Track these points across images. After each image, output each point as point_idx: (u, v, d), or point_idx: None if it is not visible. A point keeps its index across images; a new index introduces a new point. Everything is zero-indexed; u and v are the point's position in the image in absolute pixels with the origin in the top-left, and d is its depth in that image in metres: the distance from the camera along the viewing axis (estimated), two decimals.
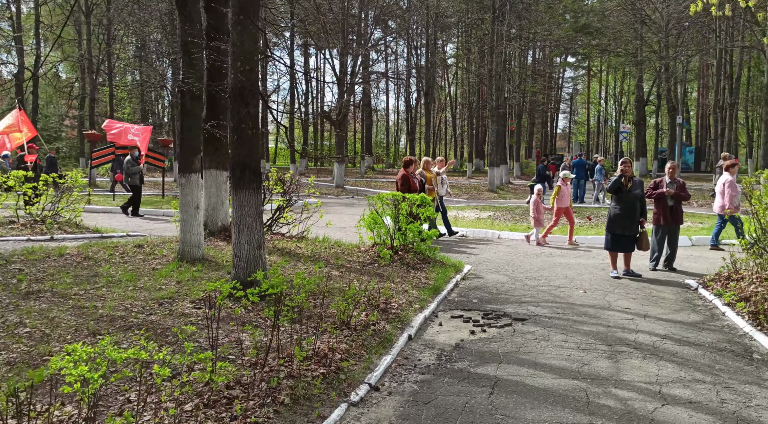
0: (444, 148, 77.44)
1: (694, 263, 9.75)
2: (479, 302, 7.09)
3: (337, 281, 7.32)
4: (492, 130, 27.75)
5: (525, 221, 15.11)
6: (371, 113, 54.62)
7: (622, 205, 8.50)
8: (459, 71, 55.86)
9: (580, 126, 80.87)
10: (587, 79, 69.87)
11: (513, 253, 10.71)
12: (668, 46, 31.93)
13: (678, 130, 34.94)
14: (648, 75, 44.27)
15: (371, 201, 9.35)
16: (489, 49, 26.22)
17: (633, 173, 8.56)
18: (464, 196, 25.70)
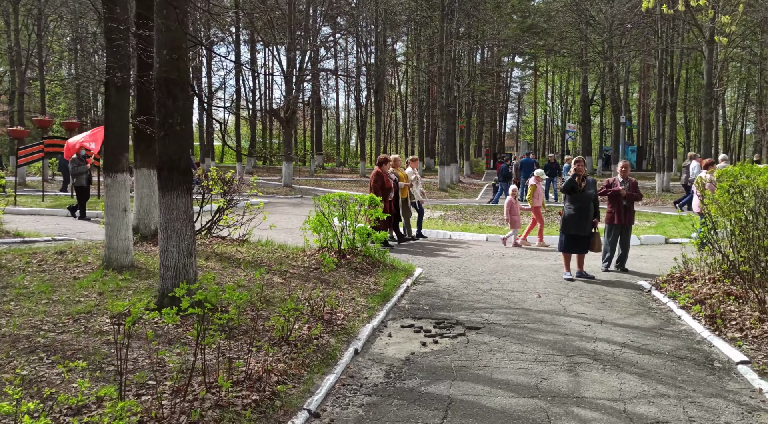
0: (395, 146, 77.35)
1: (644, 263, 9.67)
2: (431, 309, 6.70)
3: (279, 289, 6.80)
4: (442, 129, 27.60)
5: (476, 220, 14.89)
6: (321, 111, 53.90)
7: (576, 205, 8.30)
8: (409, 70, 55.78)
9: (528, 125, 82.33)
10: (534, 79, 71.14)
11: (465, 255, 10.40)
12: (612, 47, 32.54)
13: (621, 129, 35.76)
14: (592, 75, 45.24)
15: (317, 202, 8.84)
16: (438, 47, 26.03)
17: (587, 173, 8.35)
18: None
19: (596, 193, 8.27)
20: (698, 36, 23.69)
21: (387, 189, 11.04)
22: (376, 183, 10.93)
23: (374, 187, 10.86)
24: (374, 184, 10.94)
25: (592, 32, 35.52)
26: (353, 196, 9.06)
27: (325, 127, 72.24)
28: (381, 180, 10.97)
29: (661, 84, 27.29)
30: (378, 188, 10.81)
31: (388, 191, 11.10)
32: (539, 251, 10.94)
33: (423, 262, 9.63)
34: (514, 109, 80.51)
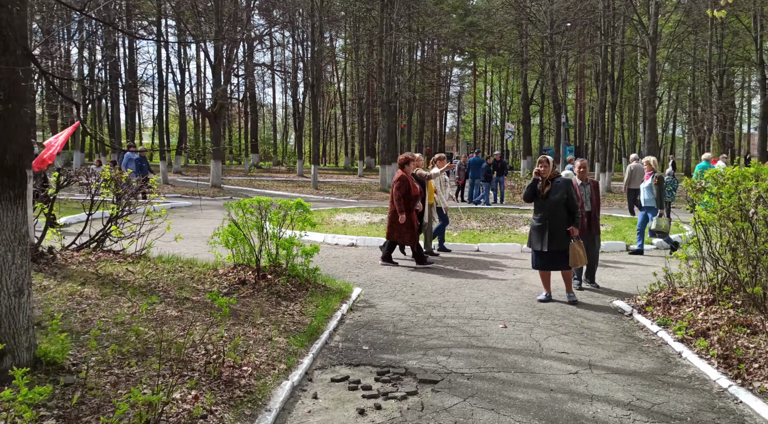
0: (334, 145, 75.59)
1: (614, 276, 8.50)
2: (372, 350, 5.19)
3: (172, 326, 5.13)
4: (383, 126, 26.21)
5: None
6: (256, 108, 51.59)
7: (538, 214, 6.97)
8: (348, 66, 54.26)
9: (467, 125, 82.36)
10: (473, 78, 71.03)
11: (410, 268, 8.96)
12: (553, 44, 32.09)
13: (562, 129, 35.49)
14: (532, 75, 45.04)
15: (229, 209, 7.17)
16: (378, 40, 24.62)
17: (557, 173, 7.03)
18: (355, 197, 23.93)
19: (569, 196, 6.89)
20: (642, 33, 23.28)
21: (414, 197, 8.96)
22: (399, 190, 8.85)
23: (398, 196, 8.83)
24: (398, 191, 8.85)
25: (533, 30, 35.04)
26: (276, 200, 7.44)
27: (262, 124, 69.74)
28: (407, 186, 8.91)
29: (603, 83, 26.90)
30: (402, 197, 8.81)
31: (416, 200, 9.05)
32: (495, 263, 9.62)
33: (363, 278, 8.11)
34: (454, 108, 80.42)
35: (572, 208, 6.85)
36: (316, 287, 7.09)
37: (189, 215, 15.93)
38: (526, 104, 39.30)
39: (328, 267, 8.77)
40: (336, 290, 7.07)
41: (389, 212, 9.17)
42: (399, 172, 9.12)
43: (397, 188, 8.89)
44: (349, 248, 10.91)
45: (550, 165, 6.90)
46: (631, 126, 54.17)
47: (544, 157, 6.99)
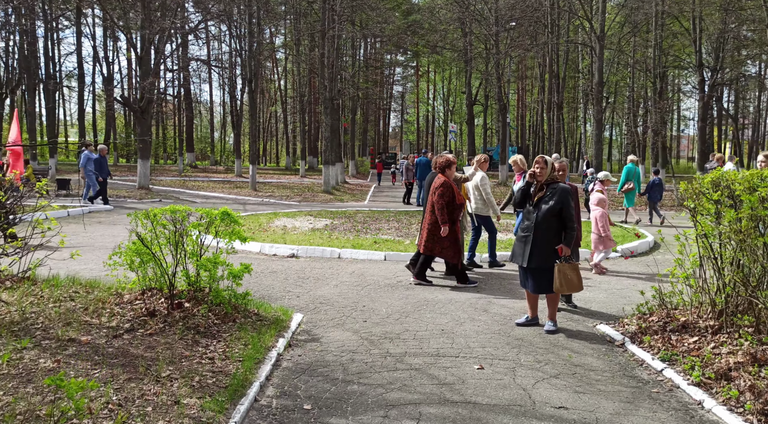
0: (276, 145, 73.46)
1: (588, 293, 7.54)
2: (315, 409, 3.96)
3: (39, 387, 3.74)
4: (326, 124, 24.87)
5: (368, 231, 12.33)
6: (192, 104, 49.06)
7: (524, 223, 5.93)
8: (289, 63, 52.49)
9: (411, 125, 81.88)
10: (416, 78, 70.52)
11: (360, 284, 7.75)
12: (498, 43, 31.60)
13: (506, 129, 35.12)
14: (476, 74, 44.68)
15: (135, 220, 5.75)
16: (321, 33, 23.28)
17: (555, 178, 5.91)
18: (296, 199, 22.53)
19: (565, 205, 5.73)
20: (589, 31, 22.92)
21: (459, 206, 7.77)
22: (443, 197, 7.56)
23: (442, 204, 7.55)
24: (441, 199, 7.56)
25: (477, 27, 34.49)
26: (197, 210, 6.08)
27: (200, 122, 66.86)
28: (451, 193, 7.65)
29: (550, 82, 26.54)
30: (446, 205, 7.57)
31: (461, 209, 7.89)
32: (454, 276, 8.54)
33: (304, 300, 6.84)
34: (398, 108, 79.74)
35: (566, 221, 5.74)
36: (246, 315, 5.77)
37: (108, 220, 14.18)
38: (470, 104, 38.72)
39: (263, 286, 7.44)
40: (271, 319, 5.78)
41: (427, 222, 7.83)
42: (440, 177, 7.82)
43: (440, 196, 7.58)
44: (289, 260, 9.60)
45: (548, 167, 5.84)
46: (571, 127, 54.83)
47: (542, 157, 5.91)
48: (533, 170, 5.86)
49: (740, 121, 47.61)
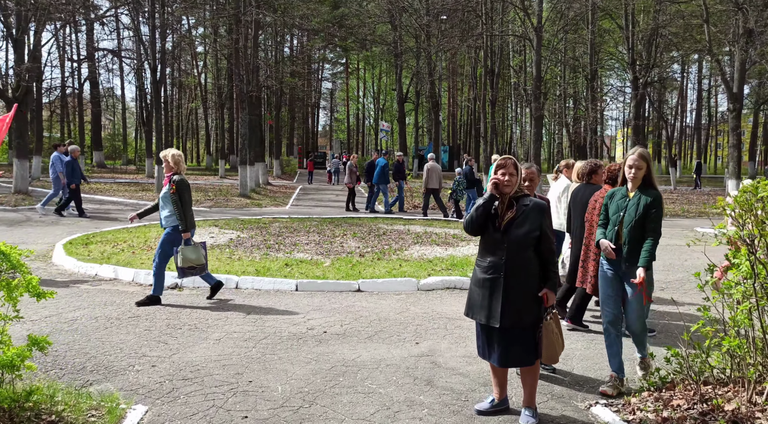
0: (196, 143, 69.37)
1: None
2: None
3: None
4: (243, 120, 22.29)
5: (283, 246, 10.09)
6: (99, 99, 44.84)
7: (487, 259, 3.85)
8: (209, 58, 49.13)
9: (341, 123, 79.67)
10: (346, 75, 68.42)
11: (254, 336, 5.53)
12: (430, 36, 29.99)
13: (439, 127, 33.66)
14: (407, 72, 43.11)
15: None
16: (235, 18, 20.72)
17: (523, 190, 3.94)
18: (207, 204, 19.89)
19: (543, 232, 3.76)
20: (526, 23, 21.53)
21: None
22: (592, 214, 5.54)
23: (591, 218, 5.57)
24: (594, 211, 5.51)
25: (407, 19, 32.83)
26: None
27: (113, 118, 62.00)
28: None
29: (485, 78, 25.11)
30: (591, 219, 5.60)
31: None
32: (385, 318, 6.48)
33: (163, 370, 4.56)
34: (327, 106, 77.31)
35: (545, 253, 3.79)
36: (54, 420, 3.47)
37: None
38: (400, 101, 37.07)
39: (108, 346, 5.09)
40: None
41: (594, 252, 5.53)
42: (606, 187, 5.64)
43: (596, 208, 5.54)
44: (169, 293, 7.23)
45: (518, 174, 3.85)
46: (500, 127, 54.28)
47: (509, 158, 3.88)
48: (498, 178, 3.83)
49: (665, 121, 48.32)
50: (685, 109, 51.81)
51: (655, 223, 4.25)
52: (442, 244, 11.05)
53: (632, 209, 4.30)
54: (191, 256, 6.58)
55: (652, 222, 4.24)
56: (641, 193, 4.31)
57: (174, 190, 6.53)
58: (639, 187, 4.35)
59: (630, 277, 4.26)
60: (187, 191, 6.64)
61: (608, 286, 4.47)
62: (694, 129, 53.55)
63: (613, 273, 4.44)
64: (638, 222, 4.25)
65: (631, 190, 4.41)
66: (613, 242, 4.37)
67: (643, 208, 4.25)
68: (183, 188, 6.57)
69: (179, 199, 6.54)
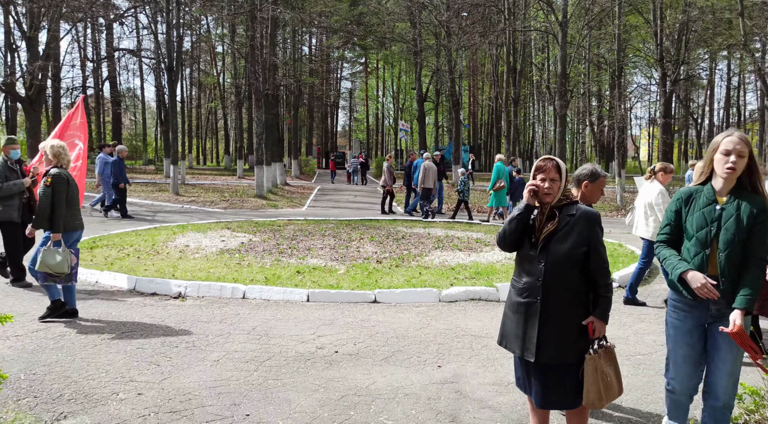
0: (216, 143, 69.44)
1: None
2: None
3: None
4: (259, 119, 21.84)
5: (297, 251, 9.52)
6: (119, 98, 44.94)
7: (522, 280, 3.20)
8: (228, 58, 48.97)
9: (360, 123, 79.20)
10: (365, 74, 67.93)
11: (258, 356, 4.95)
12: (450, 33, 29.26)
13: (459, 126, 32.89)
14: (426, 71, 42.39)
15: None
16: (249, 14, 20.26)
17: (571, 196, 3.23)
18: (222, 205, 19.45)
19: (593, 248, 3.07)
20: (551, 17, 20.74)
21: None
22: None
23: None
24: None
25: (427, 16, 32.13)
26: None
27: (135, 119, 62.22)
28: None
29: (507, 75, 24.33)
30: None
31: None
32: (403, 335, 5.87)
33: (151, 400, 4.01)
34: (346, 106, 76.89)
35: (597, 273, 3.11)
36: None
37: None
38: (420, 100, 36.33)
39: (93, 368, 4.53)
40: None
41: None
42: None
43: None
44: (170, 304, 6.71)
45: (561, 178, 3.20)
46: (523, 125, 53.33)
47: (550, 159, 3.21)
48: (536, 185, 3.18)
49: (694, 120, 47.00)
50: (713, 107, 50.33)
51: (763, 243, 2.98)
52: (464, 249, 10.40)
53: (731, 224, 2.99)
54: (51, 261, 5.68)
55: (758, 242, 2.97)
56: (738, 197, 3.02)
57: (48, 183, 5.79)
58: (733, 188, 3.06)
59: (722, 324, 3.02)
60: (65, 188, 5.87)
61: (684, 341, 3.18)
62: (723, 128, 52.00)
63: (693, 320, 3.14)
64: (741, 243, 2.97)
65: (721, 193, 3.08)
66: (705, 271, 3.05)
67: (747, 221, 2.97)
68: (59, 183, 5.82)
69: (52, 194, 5.80)
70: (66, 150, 6.10)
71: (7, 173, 7.12)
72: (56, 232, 5.82)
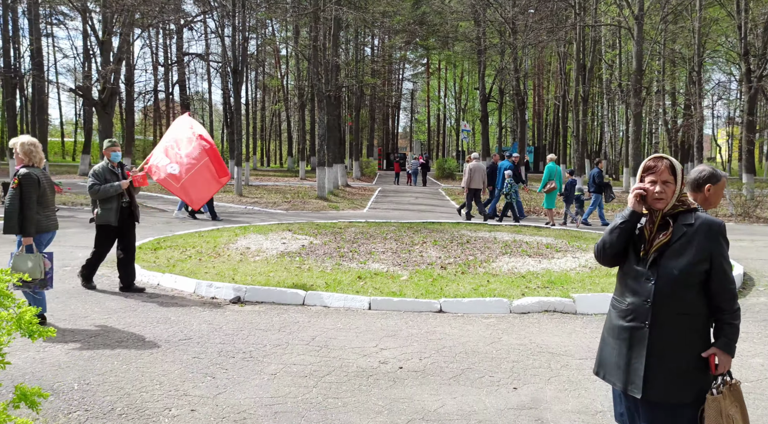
0: (279, 145, 70.60)
1: None
2: None
3: None
4: (321, 121, 21.80)
5: (358, 254, 9.21)
6: (188, 102, 46.26)
7: (626, 300, 2.69)
8: (292, 61, 49.63)
9: (421, 124, 78.74)
10: (426, 75, 67.44)
11: (316, 370, 4.62)
12: (516, 31, 28.42)
13: (524, 126, 31.94)
14: (490, 70, 41.46)
15: None
16: (313, 14, 20.22)
17: (688, 200, 2.70)
18: (284, 207, 19.48)
19: (715, 260, 2.54)
20: (623, 8, 19.65)
21: None
22: None
23: None
24: None
25: (493, 13, 31.35)
26: None
27: (202, 122, 64.11)
28: None
29: (576, 73, 23.32)
30: None
31: None
32: (473, 350, 5.42)
33: (203, 418, 3.75)
34: (407, 106, 76.62)
35: (720, 295, 2.58)
36: None
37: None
38: (483, 100, 35.56)
39: (147, 379, 4.33)
40: None
41: None
42: None
43: None
44: (228, 309, 6.51)
45: (677, 180, 2.70)
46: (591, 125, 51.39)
47: (663, 158, 2.70)
48: (644, 188, 2.67)
49: None
50: None
51: None
52: (534, 255, 9.80)
53: None
54: (22, 267, 5.27)
55: None
56: None
57: (16, 185, 5.43)
58: None
59: None
60: (34, 188, 5.47)
61: None
62: None
63: None
64: None
65: None
66: None
67: None
68: (28, 184, 5.43)
69: (20, 196, 5.42)
70: (38, 148, 5.71)
71: (107, 176, 6.96)
72: (27, 236, 5.47)
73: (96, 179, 6.95)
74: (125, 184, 6.98)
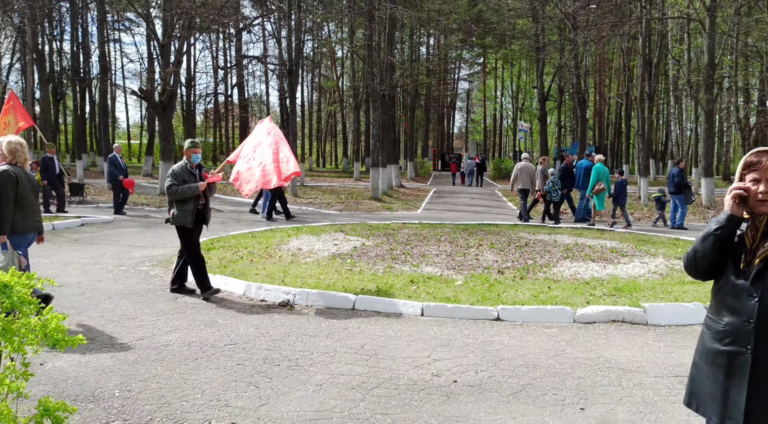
0: (335, 146, 71.15)
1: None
2: None
3: None
4: (375, 121, 21.61)
5: (410, 257, 8.90)
6: (246, 104, 47.14)
7: (724, 320, 2.29)
8: (347, 62, 49.86)
9: (477, 124, 77.71)
10: (483, 74, 66.44)
11: (364, 382, 4.34)
12: (576, 27, 27.41)
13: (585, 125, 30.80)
14: (548, 68, 40.29)
15: None
16: (368, 14, 20.04)
17: None
18: (338, 207, 19.37)
19: None
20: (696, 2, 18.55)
21: None
22: None
23: None
24: None
25: (552, 10, 30.38)
26: None
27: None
28: None
29: (642, 68, 22.21)
30: None
31: None
32: (534, 364, 5.01)
33: None
34: (463, 107, 75.74)
35: None
36: None
37: (95, 235, 11.36)
38: (542, 99, 34.53)
39: (189, 386, 4.16)
40: None
41: None
42: None
43: None
44: (277, 313, 6.33)
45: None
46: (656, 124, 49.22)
47: (765, 151, 2.33)
48: (743, 188, 2.25)
49: None
50: None
51: None
52: (598, 259, 9.23)
53: None
54: None
55: None
56: None
57: None
58: None
59: None
60: (12, 186, 5.29)
61: None
62: None
63: None
64: None
65: None
66: None
67: None
68: (5, 182, 5.24)
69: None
70: (24, 148, 5.56)
71: (185, 176, 6.84)
72: (0, 234, 5.29)
73: (174, 179, 6.81)
74: (203, 185, 6.84)
